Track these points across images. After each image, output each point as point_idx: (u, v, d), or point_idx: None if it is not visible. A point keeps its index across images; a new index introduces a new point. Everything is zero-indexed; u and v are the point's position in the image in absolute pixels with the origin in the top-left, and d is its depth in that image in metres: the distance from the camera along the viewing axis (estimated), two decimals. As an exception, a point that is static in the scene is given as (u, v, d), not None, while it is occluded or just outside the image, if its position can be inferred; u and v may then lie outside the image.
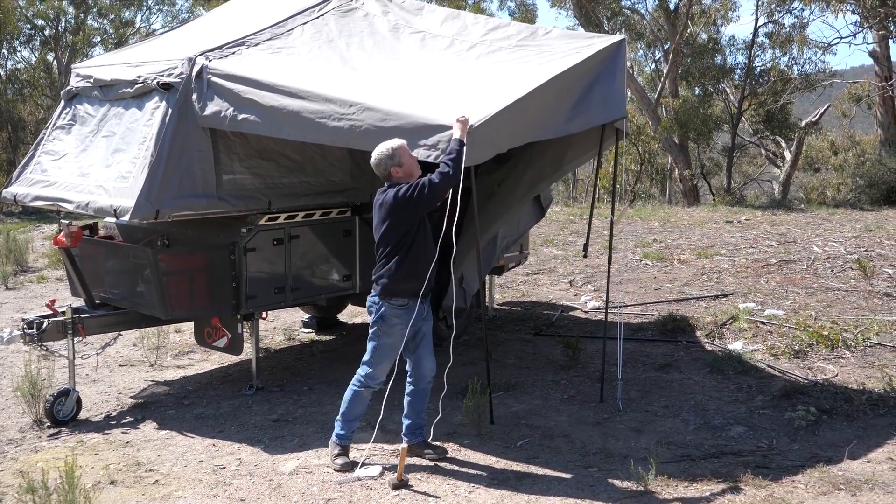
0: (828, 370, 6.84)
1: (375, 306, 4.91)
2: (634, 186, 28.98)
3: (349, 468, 4.97)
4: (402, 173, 4.86)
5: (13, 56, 28.16)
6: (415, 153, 4.99)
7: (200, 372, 7.12)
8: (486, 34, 6.47)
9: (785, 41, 24.56)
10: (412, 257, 4.81)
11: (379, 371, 4.99)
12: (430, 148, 4.98)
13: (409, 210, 4.76)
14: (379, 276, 4.87)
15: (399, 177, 4.86)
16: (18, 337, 5.95)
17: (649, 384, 6.61)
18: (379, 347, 4.95)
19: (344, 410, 5.04)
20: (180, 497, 4.70)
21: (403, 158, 4.86)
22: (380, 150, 4.88)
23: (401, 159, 4.85)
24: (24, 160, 6.68)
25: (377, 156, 4.88)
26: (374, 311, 4.92)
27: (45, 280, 11.28)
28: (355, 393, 5.02)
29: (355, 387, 5.02)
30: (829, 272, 10.39)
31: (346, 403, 5.04)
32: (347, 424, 5.06)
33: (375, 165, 4.90)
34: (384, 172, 4.90)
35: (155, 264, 5.80)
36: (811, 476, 4.88)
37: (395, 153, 4.85)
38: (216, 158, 5.93)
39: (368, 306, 4.97)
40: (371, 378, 4.99)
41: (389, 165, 4.86)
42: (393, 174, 4.87)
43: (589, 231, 7.19)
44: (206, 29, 7.01)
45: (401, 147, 4.87)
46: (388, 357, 4.97)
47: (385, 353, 4.95)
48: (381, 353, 4.95)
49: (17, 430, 5.75)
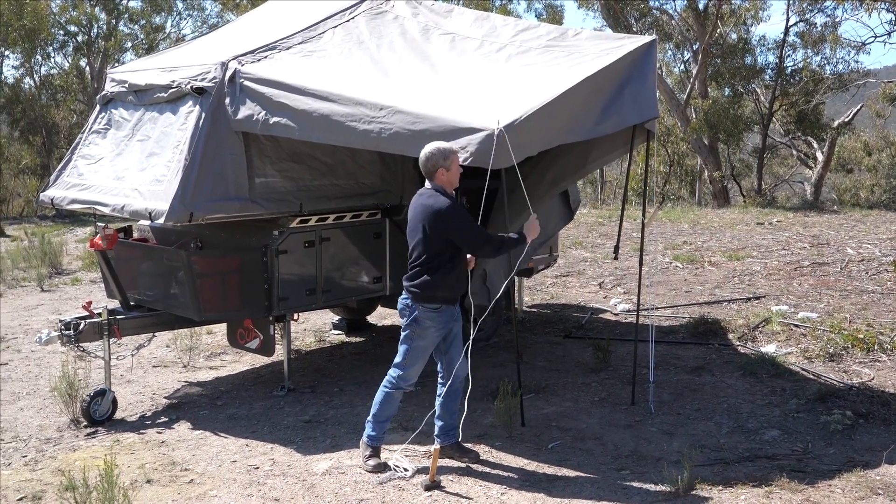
0: (864, 374, 6.75)
1: (408, 309, 4.93)
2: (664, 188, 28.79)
3: (381, 469, 4.99)
4: (446, 178, 4.90)
5: (47, 62, 28.65)
6: None
7: (233, 373, 7.19)
8: (516, 35, 6.47)
9: (817, 40, 24.27)
10: (448, 268, 4.87)
11: (411, 373, 5.01)
12: (460, 150, 5.00)
13: (444, 233, 4.83)
14: (413, 283, 4.89)
15: (442, 180, 4.90)
16: (56, 338, 6.04)
17: (681, 387, 6.57)
18: (412, 350, 4.96)
19: (375, 412, 5.06)
20: (215, 496, 4.75)
21: (453, 165, 4.91)
22: (435, 146, 4.89)
23: (451, 164, 4.90)
24: (60, 164, 6.79)
25: (430, 150, 4.88)
26: (406, 313, 4.94)
27: (80, 282, 11.44)
28: (387, 394, 5.04)
29: (387, 388, 5.04)
30: (863, 274, 10.26)
31: (377, 405, 5.06)
32: (379, 426, 5.08)
33: (425, 160, 4.89)
34: (431, 170, 4.90)
35: (188, 266, 5.86)
36: (848, 480, 4.82)
37: (448, 155, 4.88)
38: (248, 162, 5.98)
39: (401, 309, 4.99)
40: (403, 380, 5.01)
41: (439, 164, 4.87)
42: (438, 175, 4.90)
43: (619, 233, 7.16)
44: (239, 33, 7.08)
45: (455, 153, 4.92)
46: (421, 359, 5.00)
47: (418, 355, 4.97)
48: (413, 355, 4.97)
49: (55, 430, 5.84)
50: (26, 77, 27.96)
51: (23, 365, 7.47)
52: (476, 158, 4.93)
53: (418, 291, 4.86)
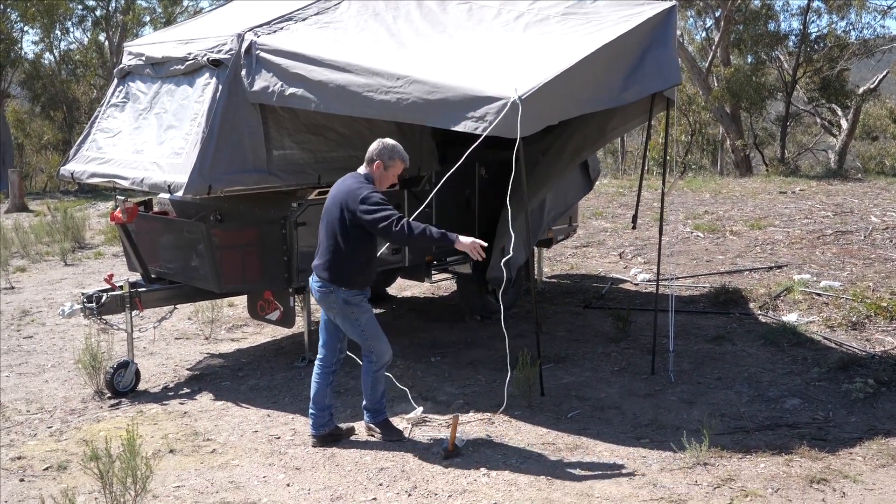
0: (886, 342, 6.69)
1: (331, 294, 4.88)
2: (685, 157, 28.51)
3: (399, 436, 5.06)
4: (378, 174, 4.84)
5: (66, 37, 28.72)
6: (462, 125, 4.99)
7: (254, 345, 7.24)
8: (533, 3, 6.39)
9: (842, 6, 23.77)
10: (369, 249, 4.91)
11: (381, 348, 4.99)
12: (479, 120, 4.96)
13: (357, 219, 4.69)
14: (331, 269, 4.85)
15: (375, 173, 4.83)
16: (79, 311, 6.10)
17: (701, 356, 6.55)
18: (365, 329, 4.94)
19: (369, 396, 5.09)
20: (237, 465, 4.81)
21: (394, 167, 4.86)
22: (385, 142, 4.87)
23: (391, 167, 4.84)
24: (80, 138, 6.82)
25: (379, 144, 4.86)
26: (332, 298, 4.89)
27: (102, 256, 11.55)
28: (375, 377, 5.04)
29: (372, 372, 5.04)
30: (887, 243, 10.13)
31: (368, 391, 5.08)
32: (378, 404, 5.11)
33: (370, 149, 4.87)
34: (369, 158, 4.85)
35: (208, 239, 5.89)
36: (869, 448, 4.79)
37: (394, 155, 4.84)
38: (266, 134, 5.98)
39: (321, 296, 4.93)
40: (379, 357, 5.00)
41: (381, 158, 4.82)
42: (374, 168, 4.83)
43: (638, 202, 7.10)
44: (255, 4, 7.04)
45: (401, 157, 4.86)
46: (378, 330, 4.98)
47: (372, 329, 4.95)
48: (369, 332, 4.94)
49: (79, 401, 5.93)
50: (46, 52, 28.09)
51: (47, 338, 7.57)
52: (495, 128, 4.90)
53: (352, 281, 4.83)
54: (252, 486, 4.56)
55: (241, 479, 4.64)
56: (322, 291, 4.88)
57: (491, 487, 4.44)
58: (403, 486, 4.48)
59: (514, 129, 4.79)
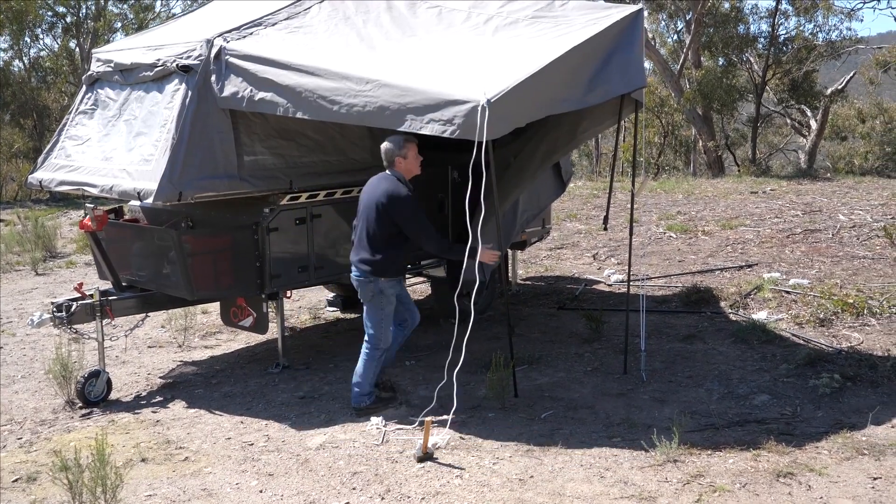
0: (853, 338, 6.79)
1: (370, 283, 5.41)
2: (658, 159, 28.73)
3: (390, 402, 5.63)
4: (404, 166, 5.37)
5: (36, 44, 28.43)
6: (429, 128, 5.02)
7: (227, 352, 7.22)
8: (503, 6, 6.43)
9: (809, 7, 24.11)
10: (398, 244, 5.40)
11: (386, 337, 5.54)
12: (446, 123, 4.98)
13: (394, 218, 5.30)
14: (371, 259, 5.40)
15: (401, 168, 5.37)
16: (48, 320, 6.06)
17: (673, 355, 6.61)
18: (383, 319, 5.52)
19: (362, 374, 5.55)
20: (210, 473, 4.79)
21: (410, 153, 5.38)
22: (390, 139, 5.35)
23: (407, 153, 5.37)
24: (48, 146, 6.77)
25: (387, 143, 5.37)
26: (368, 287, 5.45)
27: (74, 265, 11.45)
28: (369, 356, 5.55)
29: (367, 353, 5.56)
30: (854, 240, 10.29)
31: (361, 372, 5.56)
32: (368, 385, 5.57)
33: (383, 152, 5.40)
34: (389, 159, 5.38)
35: (179, 246, 5.87)
36: (835, 442, 4.87)
37: (403, 142, 5.35)
38: (237, 139, 5.97)
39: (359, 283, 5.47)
40: (380, 341, 5.55)
41: (395, 154, 5.35)
42: (397, 164, 5.36)
43: (609, 204, 7.16)
44: (225, 10, 7.03)
45: (412, 142, 5.38)
46: (388, 325, 5.54)
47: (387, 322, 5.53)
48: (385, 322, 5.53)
49: (50, 411, 5.88)
50: (15, 60, 27.78)
51: (18, 348, 7.50)
52: (463, 131, 4.93)
53: (387, 270, 5.34)
54: (225, 493, 4.55)
55: (214, 486, 4.63)
56: (360, 281, 5.43)
57: (464, 489, 4.47)
58: (377, 490, 4.49)
59: (483, 132, 4.82)
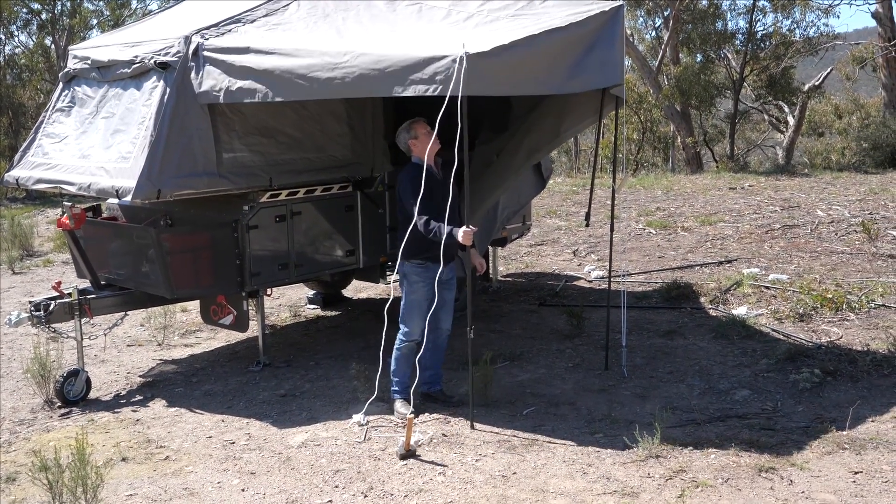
0: (832, 332, 6.86)
1: (400, 267, 5.34)
2: (637, 155, 28.85)
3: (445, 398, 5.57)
4: (419, 147, 5.26)
5: (11, 41, 28.08)
6: (412, 90, 4.88)
7: (208, 350, 7.17)
8: (483, 4, 6.39)
9: (786, 4, 24.30)
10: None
11: (411, 326, 5.38)
12: (428, 81, 4.83)
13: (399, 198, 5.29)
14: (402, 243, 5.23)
15: (418, 151, 5.27)
16: (26, 319, 5.99)
17: (654, 351, 6.65)
18: (407, 304, 5.38)
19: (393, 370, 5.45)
20: (191, 472, 4.76)
21: (419, 130, 5.28)
22: (398, 130, 5.35)
23: (416, 131, 5.28)
24: (25, 143, 6.69)
25: (397, 133, 5.35)
26: (399, 271, 5.38)
27: (52, 264, 11.33)
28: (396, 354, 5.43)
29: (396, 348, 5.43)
30: (833, 236, 10.38)
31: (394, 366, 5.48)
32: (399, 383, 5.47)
33: (399, 144, 5.40)
34: (404, 146, 5.37)
35: (158, 244, 5.82)
36: (816, 437, 4.91)
37: (410, 125, 5.30)
38: (216, 136, 5.92)
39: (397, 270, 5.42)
40: (405, 335, 5.42)
41: (407, 139, 5.31)
42: (411, 147, 5.31)
43: (591, 200, 7.18)
44: (202, 7, 6.96)
45: (416, 120, 5.31)
46: (417, 313, 5.33)
47: (413, 309, 5.35)
48: (409, 309, 5.37)
49: (28, 411, 5.82)
50: (-10, 57, 27.41)
51: (-5, 348, 7.41)
52: (445, 86, 4.76)
53: (403, 249, 5.18)
54: (206, 492, 4.52)
55: (195, 485, 4.60)
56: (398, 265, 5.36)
57: (447, 486, 4.46)
58: (359, 488, 4.48)
59: (457, 85, 4.65)
